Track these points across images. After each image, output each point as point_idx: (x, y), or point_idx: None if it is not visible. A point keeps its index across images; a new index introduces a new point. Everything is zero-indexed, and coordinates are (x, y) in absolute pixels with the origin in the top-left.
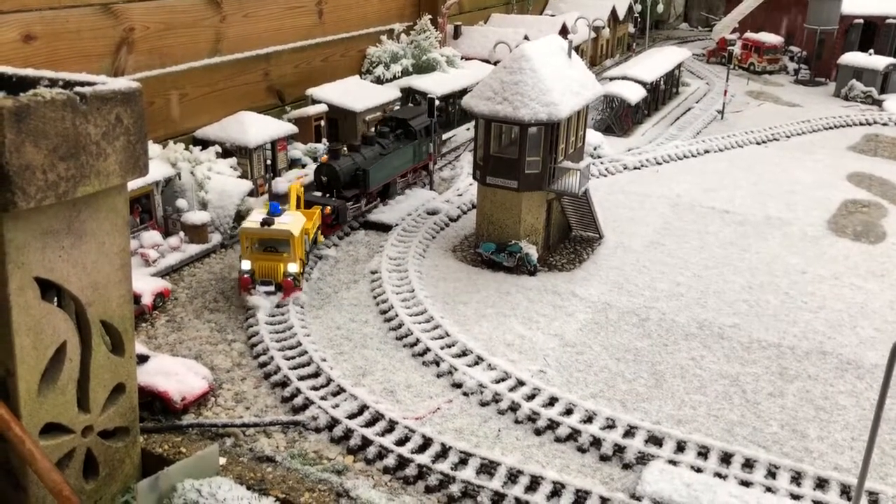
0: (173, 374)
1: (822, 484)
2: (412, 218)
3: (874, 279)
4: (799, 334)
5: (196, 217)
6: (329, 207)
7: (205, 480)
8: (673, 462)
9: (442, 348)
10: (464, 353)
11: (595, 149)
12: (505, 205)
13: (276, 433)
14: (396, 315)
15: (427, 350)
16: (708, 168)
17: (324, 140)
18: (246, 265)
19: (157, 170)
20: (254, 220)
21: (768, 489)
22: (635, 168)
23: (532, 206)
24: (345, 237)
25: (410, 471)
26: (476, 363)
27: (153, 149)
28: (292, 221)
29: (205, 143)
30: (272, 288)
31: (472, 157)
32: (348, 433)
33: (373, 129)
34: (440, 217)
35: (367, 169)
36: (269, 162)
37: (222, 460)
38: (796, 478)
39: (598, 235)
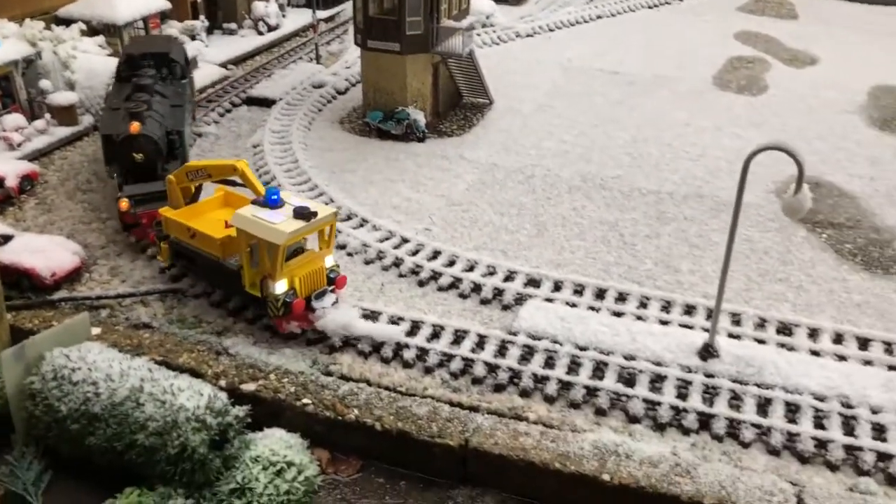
0: (40, 251)
1: (689, 310)
2: (297, 92)
3: (753, 128)
4: (678, 181)
5: (62, 98)
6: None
7: (74, 346)
8: (549, 300)
9: None
10: (349, 217)
11: (488, 17)
12: (390, 70)
13: (155, 302)
14: (279, 186)
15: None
16: (600, 32)
17: (201, 17)
18: (282, 286)
19: (14, 49)
20: (270, 220)
21: (639, 318)
22: (528, 35)
23: (417, 70)
24: (226, 114)
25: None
26: (361, 225)
27: (8, 27)
28: (300, 202)
29: (69, 22)
30: (333, 297)
31: (353, 22)
32: (228, 297)
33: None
34: (327, 90)
35: (181, 130)
36: None
37: (96, 330)
38: (666, 307)
39: (489, 101)
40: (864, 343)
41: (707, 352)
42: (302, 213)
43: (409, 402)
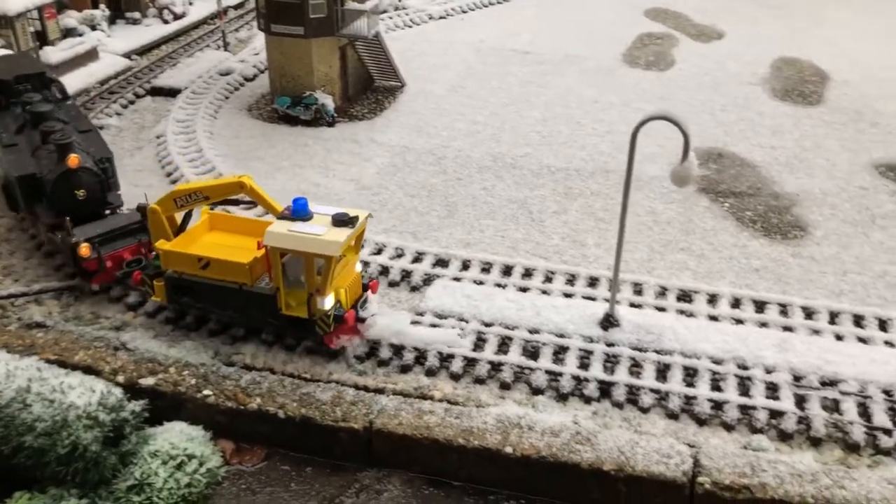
0: None
1: (593, 283)
2: (203, 80)
3: (660, 102)
4: (586, 157)
5: None
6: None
7: None
8: (457, 279)
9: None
10: (254, 204)
11: (400, 0)
12: (295, 55)
13: (50, 300)
14: (182, 176)
15: (214, 206)
16: (514, 13)
17: (102, 6)
18: (331, 301)
19: None
20: (314, 232)
21: (544, 292)
22: (441, 17)
23: (324, 54)
24: (129, 105)
25: (190, 319)
26: (266, 213)
27: None
28: (326, 208)
29: None
30: (374, 308)
31: (255, 6)
32: (127, 292)
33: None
34: (234, 77)
35: (110, 157)
36: (36, 31)
37: None
38: (571, 280)
39: (400, 83)
40: (760, 306)
41: (608, 322)
42: (343, 220)
43: (313, 389)
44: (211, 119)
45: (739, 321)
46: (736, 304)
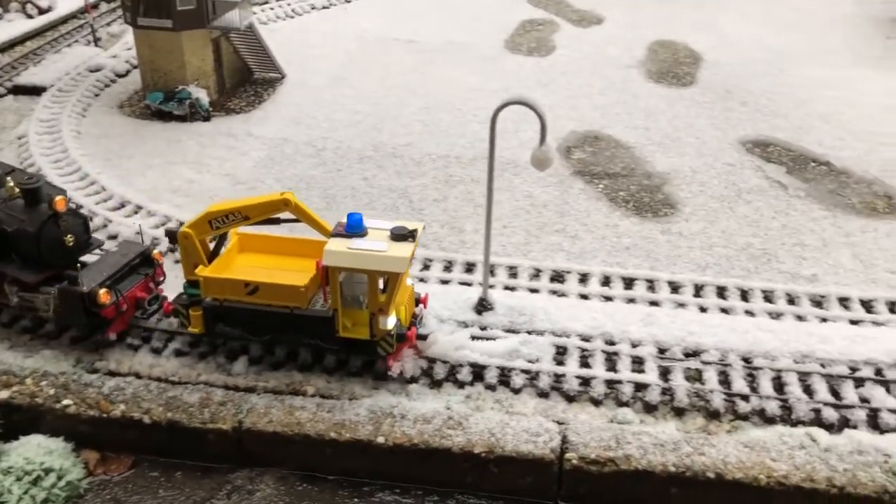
0: None
1: (469, 268)
2: (71, 77)
3: (541, 87)
4: (467, 144)
5: None
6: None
7: None
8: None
9: (97, 203)
10: (122, 205)
11: None
12: (165, 49)
13: None
14: (45, 178)
15: (79, 207)
16: (398, 2)
17: None
18: (393, 319)
19: None
20: (376, 249)
21: (421, 280)
22: (324, 7)
23: (195, 47)
24: None
25: (50, 326)
26: (135, 212)
27: None
28: (377, 220)
29: None
30: (432, 323)
31: None
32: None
33: None
34: (105, 73)
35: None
36: None
37: None
38: (448, 266)
39: (280, 75)
40: (629, 283)
41: (482, 306)
42: (402, 234)
43: (181, 391)
44: (78, 118)
45: (609, 298)
46: (606, 282)
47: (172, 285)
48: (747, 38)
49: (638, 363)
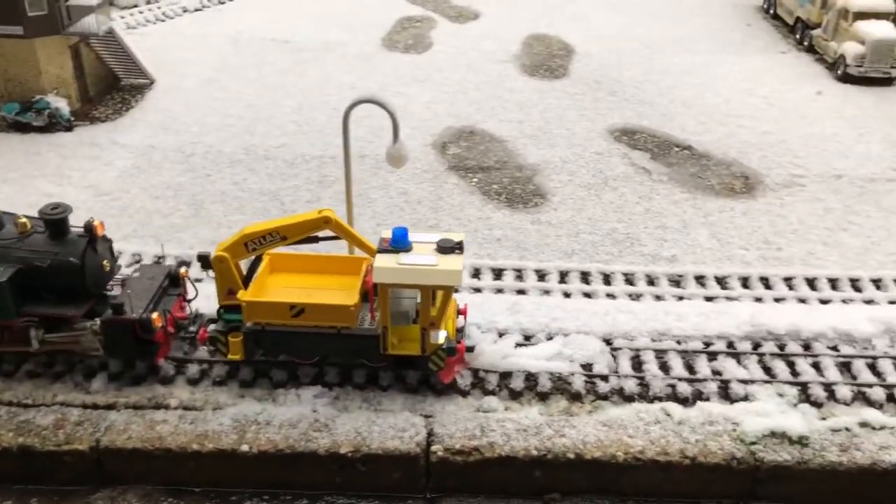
0: None
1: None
2: None
3: (417, 84)
4: (339, 144)
5: None
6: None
7: None
8: (199, 280)
9: None
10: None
11: None
12: (19, 57)
13: None
14: None
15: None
16: (273, 2)
17: None
18: (444, 335)
19: None
20: (427, 263)
21: None
22: (197, 10)
23: (51, 54)
24: None
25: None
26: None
27: None
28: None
29: None
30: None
31: None
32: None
33: None
34: None
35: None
36: None
37: None
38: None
39: (148, 80)
40: (498, 273)
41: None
42: (449, 247)
43: (33, 414)
44: None
45: (478, 290)
46: (476, 273)
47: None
48: (617, 30)
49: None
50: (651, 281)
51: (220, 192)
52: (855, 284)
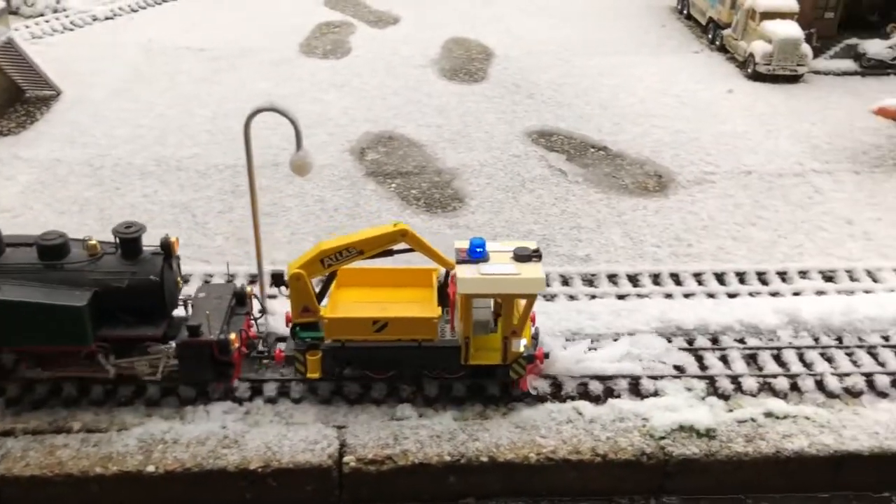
0: None
1: (254, 279)
2: None
3: (335, 90)
4: (256, 152)
5: None
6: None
7: None
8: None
9: None
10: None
11: (58, 2)
12: None
13: None
14: None
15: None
16: (188, 9)
17: None
18: (524, 343)
19: None
20: (510, 272)
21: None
22: (108, 18)
23: None
24: None
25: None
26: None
27: None
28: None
29: None
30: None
31: None
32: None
33: None
34: None
35: None
36: None
37: None
38: (230, 279)
39: (54, 92)
40: None
41: (262, 313)
42: (526, 255)
43: None
44: None
45: None
46: None
47: None
48: (535, 33)
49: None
50: (565, 281)
51: (129, 205)
52: (762, 277)
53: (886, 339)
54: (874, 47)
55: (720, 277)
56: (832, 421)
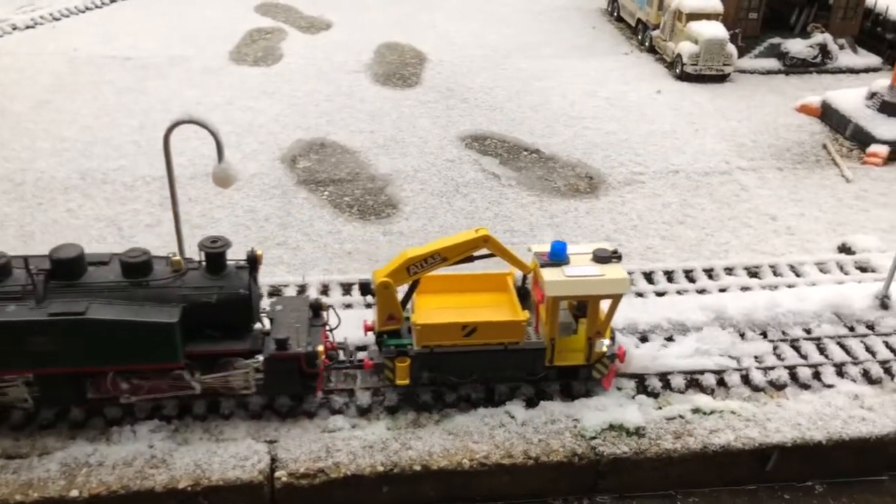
0: None
1: None
2: None
3: (266, 98)
4: (186, 162)
5: None
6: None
7: None
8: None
9: None
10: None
11: None
12: None
13: None
14: None
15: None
16: (113, 17)
17: None
18: (607, 342)
19: None
20: (594, 274)
21: None
22: (28, 27)
23: None
24: None
25: None
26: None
27: None
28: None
29: None
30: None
31: None
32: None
33: None
34: None
35: None
36: None
37: None
38: None
39: None
40: (347, 288)
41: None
42: (606, 256)
43: None
44: None
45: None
46: (324, 290)
47: None
48: (468, 37)
49: (356, 368)
50: None
51: (52, 220)
52: (689, 275)
53: (808, 331)
54: (796, 46)
55: (649, 276)
56: (757, 414)
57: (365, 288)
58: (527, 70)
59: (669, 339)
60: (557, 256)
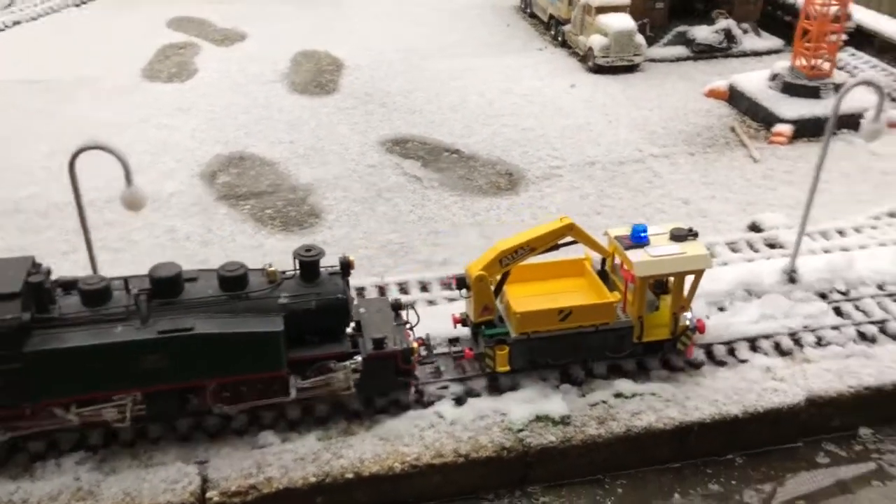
0: None
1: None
2: None
3: (181, 114)
4: (101, 185)
5: None
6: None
7: None
8: None
9: None
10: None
11: None
12: None
13: None
14: None
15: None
16: (17, 40)
17: None
18: (690, 315)
19: None
20: (676, 252)
21: None
22: None
23: None
24: None
25: None
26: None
27: None
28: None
29: None
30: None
31: None
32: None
33: None
34: None
35: None
36: None
37: None
38: None
39: None
40: None
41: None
42: (683, 235)
43: None
44: None
45: None
46: None
47: None
48: (384, 41)
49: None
50: (424, 287)
51: None
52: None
53: (722, 310)
54: (702, 33)
55: None
56: (676, 394)
57: (461, 282)
58: (444, 70)
59: None
60: (640, 239)
